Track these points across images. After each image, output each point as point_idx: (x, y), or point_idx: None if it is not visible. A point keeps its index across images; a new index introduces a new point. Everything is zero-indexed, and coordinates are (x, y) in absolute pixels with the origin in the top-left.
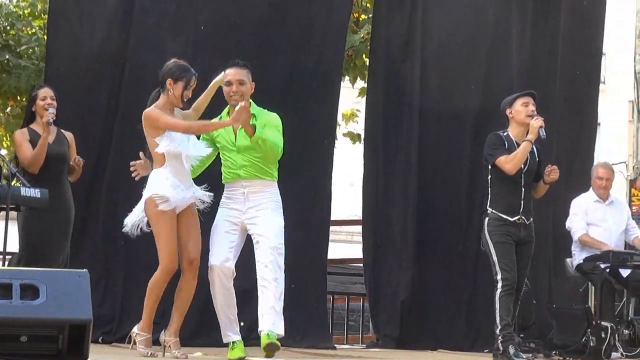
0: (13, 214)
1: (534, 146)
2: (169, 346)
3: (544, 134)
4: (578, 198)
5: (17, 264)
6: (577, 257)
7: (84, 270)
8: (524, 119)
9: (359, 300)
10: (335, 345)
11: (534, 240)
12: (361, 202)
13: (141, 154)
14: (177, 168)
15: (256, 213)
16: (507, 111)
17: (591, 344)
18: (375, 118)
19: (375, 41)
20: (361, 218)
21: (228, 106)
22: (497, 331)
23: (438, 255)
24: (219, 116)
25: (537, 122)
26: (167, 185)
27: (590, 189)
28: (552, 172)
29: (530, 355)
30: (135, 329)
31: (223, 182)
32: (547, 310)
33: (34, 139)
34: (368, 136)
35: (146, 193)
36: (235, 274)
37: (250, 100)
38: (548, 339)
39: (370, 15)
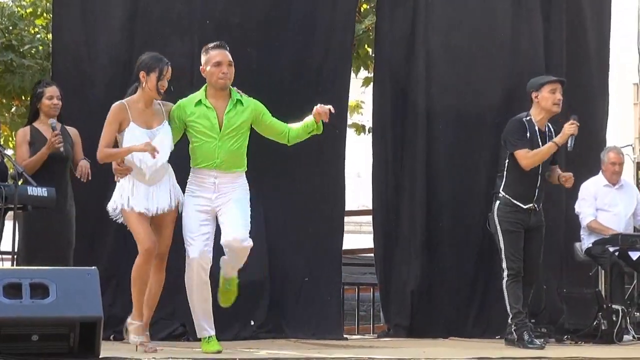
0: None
1: (553, 131)
2: (127, 329)
3: (572, 144)
4: (587, 182)
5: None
6: (586, 241)
7: (93, 267)
8: (550, 106)
9: (369, 291)
10: (347, 335)
11: (544, 224)
12: (370, 193)
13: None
14: (136, 170)
15: (225, 201)
16: (533, 94)
17: (602, 328)
18: (383, 110)
19: (380, 34)
20: (369, 208)
21: (205, 86)
22: (510, 320)
23: (447, 245)
24: (198, 97)
25: (570, 129)
26: (140, 198)
27: (600, 172)
28: (567, 181)
29: (542, 340)
30: (129, 319)
31: (192, 165)
32: (557, 295)
33: (35, 139)
34: (376, 128)
35: (119, 199)
36: (211, 262)
37: (233, 88)
38: (559, 323)
39: (373, 5)
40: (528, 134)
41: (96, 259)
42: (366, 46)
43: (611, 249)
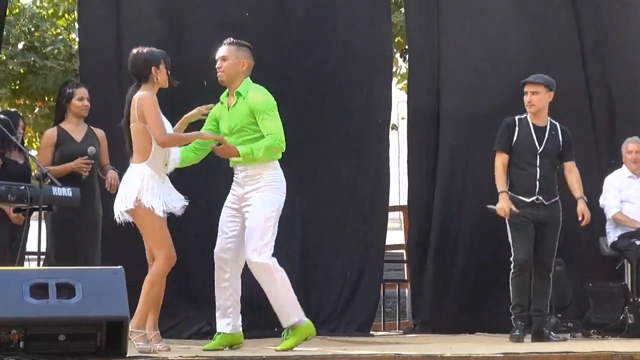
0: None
1: (558, 127)
2: (150, 340)
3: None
4: (611, 175)
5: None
6: (612, 235)
7: (119, 267)
8: (526, 107)
9: (394, 287)
10: (373, 332)
11: (558, 220)
12: (395, 190)
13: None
14: (159, 165)
15: (248, 201)
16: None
17: (629, 322)
18: (417, 112)
19: (410, 28)
20: (396, 205)
21: (226, 90)
22: (510, 309)
23: (476, 241)
24: (220, 100)
25: (499, 211)
26: (161, 200)
27: (623, 165)
28: (583, 222)
29: (569, 335)
30: (134, 326)
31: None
32: (583, 290)
33: (62, 140)
34: (411, 126)
35: (135, 195)
36: (242, 263)
37: (247, 80)
38: (586, 318)
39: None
40: (516, 133)
41: (123, 259)
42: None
43: (637, 242)
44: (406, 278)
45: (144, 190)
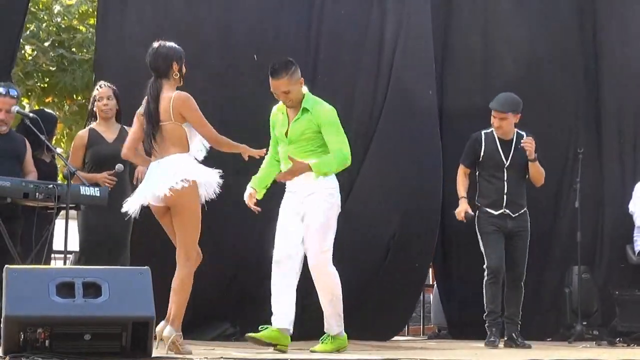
0: (73, 212)
1: (524, 137)
2: (174, 342)
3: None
4: None
5: (77, 263)
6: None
7: (146, 267)
8: (494, 129)
9: None
10: (397, 337)
11: (527, 231)
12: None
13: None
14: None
15: (306, 206)
16: None
17: None
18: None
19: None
20: None
21: (278, 104)
22: (484, 317)
23: None
24: (279, 110)
25: (458, 216)
26: (207, 176)
27: None
28: (525, 145)
29: (594, 342)
30: (167, 331)
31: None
32: (609, 297)
33: (94, 142)
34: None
35: (190, 174)
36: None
37: (306, 92)
38: (611, 326)
39: None
40: (483, 149)
41: (150, 258)
42: None
43: None
44: (431, 283)
45: (197, 172)
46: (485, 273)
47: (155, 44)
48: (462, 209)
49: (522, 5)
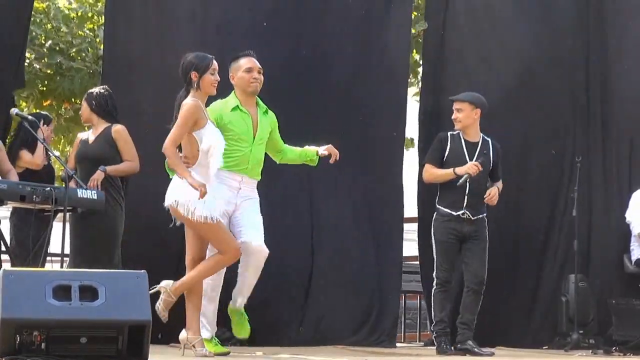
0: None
1: (491, 145)
2: (193, 345)
3: (463, 182)
4: (638, 191)
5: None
6: (636, 251)
7: (143, 271)
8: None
9: (415, 298)
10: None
11: (485, 236)
12: (412, 203)
13: None
14: (204, 170)
15: (244, 204)
16: None
17: None
18: (427, 122)
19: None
20: (414, 216)
21: (233, 91)
22: (432, 327)
23: (496, 254)
24: (225, 100)
25: (471, 168)
26: (216, 204)
27: None
28: (489, 199)
29: (590, 351)
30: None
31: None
32: (606, 306)
33: (81, 142)
34: (421, 138)
35: (167, 198)
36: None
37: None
38: (608, 334)
39: (421, 14)
40: (448, 148)
41: (146, 261)
42: (414, 52)
43: None
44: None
45: (194, 199)
46: (434, 282)
47: (186, 54)
48: (468, 165)
49: (519, 8)
